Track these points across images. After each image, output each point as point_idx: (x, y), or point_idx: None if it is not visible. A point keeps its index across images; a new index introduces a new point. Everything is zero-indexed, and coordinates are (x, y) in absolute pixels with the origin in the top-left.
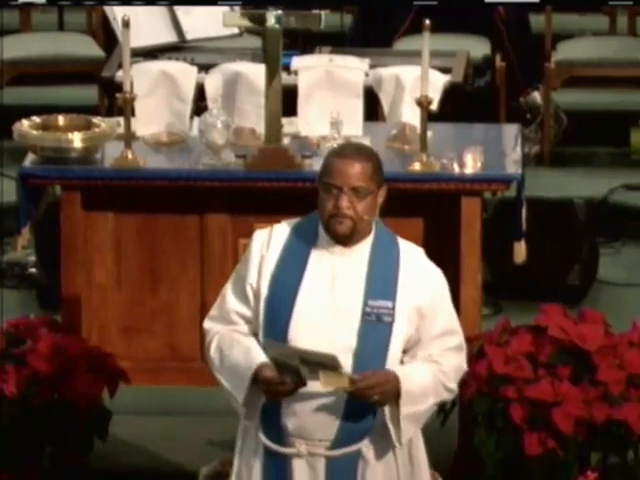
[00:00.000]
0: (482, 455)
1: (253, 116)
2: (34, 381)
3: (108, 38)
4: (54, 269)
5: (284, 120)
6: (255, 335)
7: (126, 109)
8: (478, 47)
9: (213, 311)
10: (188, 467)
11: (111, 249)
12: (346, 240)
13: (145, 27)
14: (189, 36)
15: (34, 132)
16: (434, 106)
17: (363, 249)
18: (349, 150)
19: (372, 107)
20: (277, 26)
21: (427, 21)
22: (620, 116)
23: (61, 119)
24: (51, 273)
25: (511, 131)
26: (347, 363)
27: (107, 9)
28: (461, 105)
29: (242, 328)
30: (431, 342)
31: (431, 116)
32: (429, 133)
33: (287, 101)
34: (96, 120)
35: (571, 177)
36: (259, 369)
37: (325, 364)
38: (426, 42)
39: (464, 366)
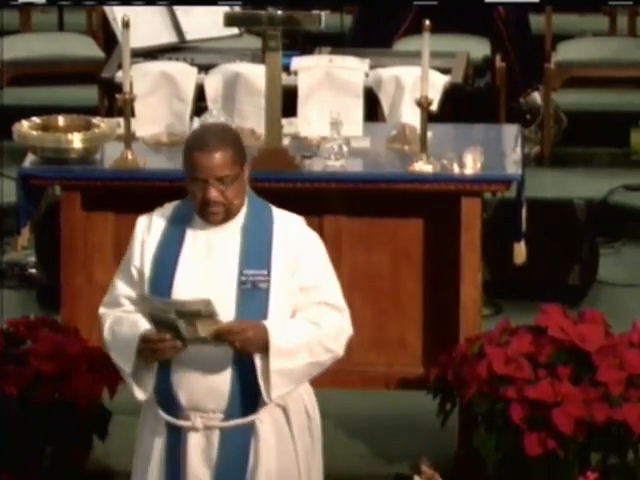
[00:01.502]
0: (482, 455)
1: (253, 117)
2: (34, 381)
3: (108, 38)
4: (54, 269)
5: (284, 121)
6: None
7: (126, 110)
8: (478, 47)
9: (105, 297)
10: None
11: (111, 249)
12: (220, 223)
13: (145, 28)
14: (189, 36)
15: (34, 133)
16: (434, 107)
17: (236, 222)
18: (207, 140)
19: (372, 107)
20: (277, 27)
21: (427, 21)
22: (620, 117)
23: (61, 120)
24: (51, 273)
25: (511, 132)
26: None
27: (107, 9)
28: (461, 106)
29: (128, 308)
30: (309, 303)
31: (431, 117)
32: (429, 133)
33: (287, 101)
34: (96, 121)
35: (571, 178)
36: (142, 335)
37: (200, 312)
38: (426, 42)
39: (347, 329)
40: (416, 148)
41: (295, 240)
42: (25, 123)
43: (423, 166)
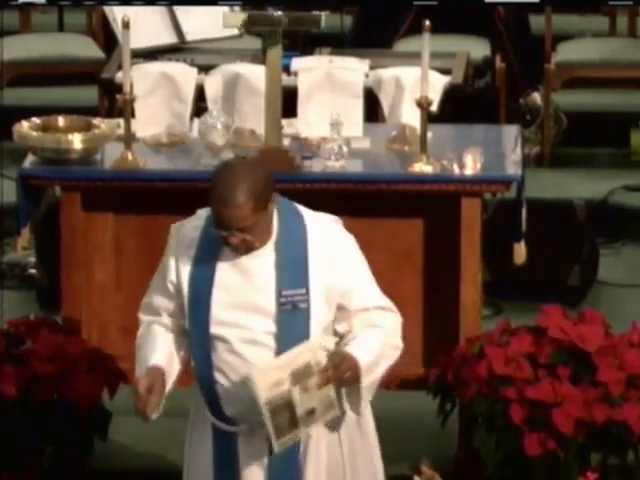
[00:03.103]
0: (482, 455)
1: (253, 117)
2: (34, 381)
3: (108, 39)
4: (54, 269)
5: (284, 121)
6: (180, 328)
7: (126, 110)
8: (478, 48)
9: (143, 300)
10: None
11: (111, 249)
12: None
13: (145, 28)
14: (189, 37)
15: (34, 133)
16: (434, 107)
17: (270, 245)
18: (226, 195)
19: (372, 108)
20: (277, 27)
21: (427, 22)
22: (620, 117)
23: (61, 120)
24: (51, 273)
25: (511, 132)
26: (270, 355)
27: (107, 10)
28: (461, 106)
29: (164, 320)
30: (356, 307)
31: (431, 117)
32: (429, 134)
33: (287, 102)
34: (96, 121)
35: (571, 178)
36: (141, 376)
37: (310, 366)
38: (426, 43)
39: (400, 319)
40: (416, 149)
41: (330, 249)
42: (25, 123)
43: (423, 167)
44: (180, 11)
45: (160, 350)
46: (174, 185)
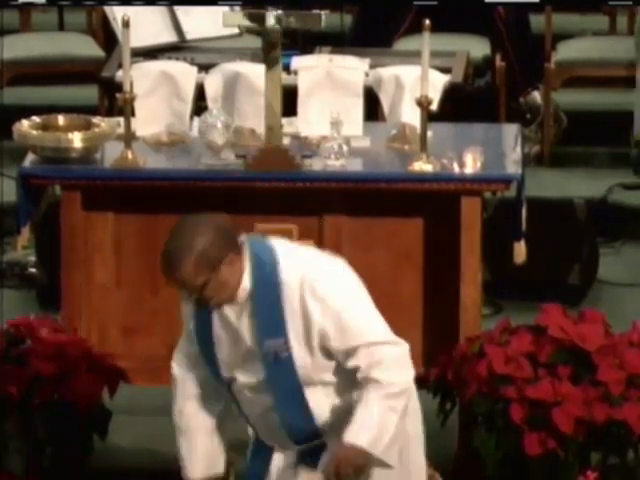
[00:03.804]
0: (482, 455)
1: (253, 116)
2: (34, 381)
3: (108, 38)
4: (54, 269)
5: (284, 120)
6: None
7: (126, 109)
8: (478, 47)
9: (180, 343)
10: None
11: (111, 249)
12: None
13: (145, 27)
14: (189, 36)
15: (34, 132)
16: (434, 106)
17: (242, 290)
18: (167, 261)
19: (372, 107)
20: (277, 26)
21: (427, 21)
22: (620, 116)
23: (61, 119)
24: (51, 273)
25: (511, 131)
26: (271, 400)
27: (107, 9)
28: (461, 105)
29: (196, 374)
30: (353, 353)
31: (431, 116)
32: (429, 133)
33: (287, 101)
34: (96, 120)
35: (571, 177)
36: None
37: None
38: (426, 42)
39: (398, 349)
40: (416, 147)
41: (305, 294)
42: (25, 122)
43: (423, 166)
44: (180, 10)
45: (199, 460)
46: (174, 184)
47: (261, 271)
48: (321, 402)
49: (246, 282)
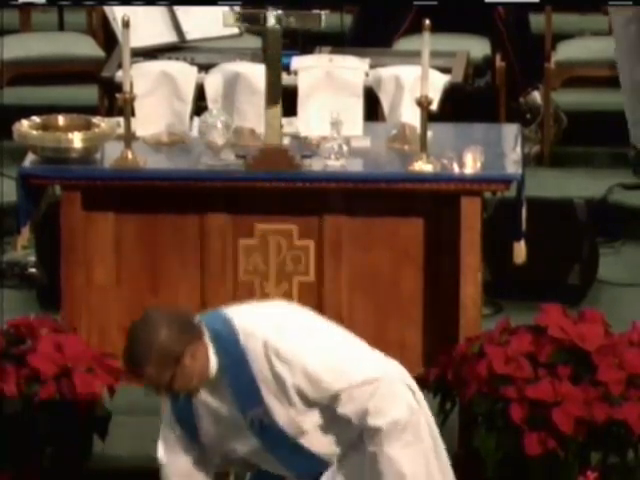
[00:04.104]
0: (482, 455)
1: (253, 116)
2: (34, 381)
3: (108, 38)
4: (54, 269)
5: (284, 120)
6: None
7: (126, 109)
8: (478, 47)
9: (162, 425)
10: None
11: (111, 249)
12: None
13: (145, 27)
14: (189, 36)
15: (34, 132)
16: (434, 106)
17: (213, 371)
18: (129, 364)
19: (372, 107)
20: (277, 26)
21: (427, 21)
22: (620, 116)
23: (61, 119)
24: (51, 273)
25: (511, 131)
26: (275, 460)
27: (107, 9)
28: (461, 105)
29: (187, 454)
30: (336, 400)
31: (431, 116)
32: (429, 133)
33: (287, 101)
34: (96, 120)
35: (571, 177)
36: None
37: None
38: (426, 42)
39: (382, 390)
40: (416, 148)
41: (271, 362)
42: (25, 122)
43: (423, 166)
44: (180, 10)
45: None
46: (174, 184)
47: (224, 347)
48: (321, 442)
49: (212, 361)
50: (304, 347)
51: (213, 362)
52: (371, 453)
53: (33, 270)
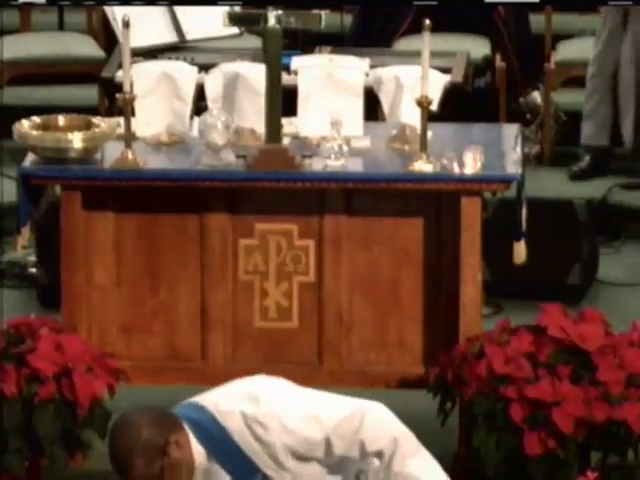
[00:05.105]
0: (482, 455)
1: (253, 116)
2: (34, 381)
3: (108, 38)
4: (54, 269)
5: (284, 120)
6: None
7: (126, 109)
8: (478, 47)
9: None
10: None
11: (111, 249)
12: None
13: (145, 27)
14: (189, 36)
15: (34, 132)
16: (434, 106)
17: (200, 461)
18: (119, 469)
19: (372, 107)
20: (277, 26)
21: (427, 21)
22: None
23: (61, 119)
24: (51, 273)
25: (511, 131)
26: None
27: (107, 9)
28: (461, 105)
29: None
30: (328, 446)
31: (431, 116)
32: (429, 133)
33: (287, 101)
34: (96, 120)
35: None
36: None
37: None
38: (426, 42)
39: (373, 417)
40: (416, 148)
41: (256, 431)
42: (25, 123)
43: (423, 166)
44: (180, 10)
45: None
46: (174, 184)
47: (205, 432)
48: None
49: (197, 449)
50: (280, 407)
51: (198, 449)
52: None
53: (33, 270)
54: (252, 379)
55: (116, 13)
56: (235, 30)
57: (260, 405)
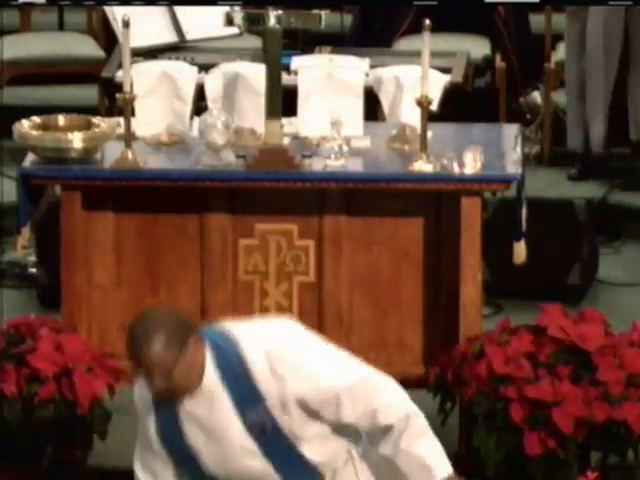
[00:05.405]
0: (482, 455)
1: (253, 116)
2: (34, 381)
3: (108, 38)
4: (54, 269)
5: (284, 120)
6: None
7: (126, 109)
8: (478, 47)
9: (136, 449)
10: None
11: (111, 249)
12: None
13: (145, 27)
14: (189, 36)
15: (34, 132)
16: (434, 106)
17: (208, 378)
18: (137, 346)
19: (372, 107)
20: (277, 26)
21: (427, 21)
22: (620, 116)
23: (61, 119)
24: (51, 273)
25: (511, 131)
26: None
27: (107, 9)
28: (461, 105)
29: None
30: (338, 403)
31: (431, 116)
32: (429, 133)
33: (287, 101)
34: (96, 120)
35: (571, 177)
36: None
37: None
38: (426, 42)
39: (381, 384)
40: (416, 148)
41: (274, 366)
42: (25, 123)
43: (423, 166)
44: (180, 10)
45: None
46: (174, 184)
47: (224, 356)
48: (321, 452)
49: (210, 371)
50: (303, 351)
51: (211, 371)
52: (386, 456)
53: (33, 270)
54: (283, 320)
55: (116, 13)
56: (235, 30)
57: (284, 343)
